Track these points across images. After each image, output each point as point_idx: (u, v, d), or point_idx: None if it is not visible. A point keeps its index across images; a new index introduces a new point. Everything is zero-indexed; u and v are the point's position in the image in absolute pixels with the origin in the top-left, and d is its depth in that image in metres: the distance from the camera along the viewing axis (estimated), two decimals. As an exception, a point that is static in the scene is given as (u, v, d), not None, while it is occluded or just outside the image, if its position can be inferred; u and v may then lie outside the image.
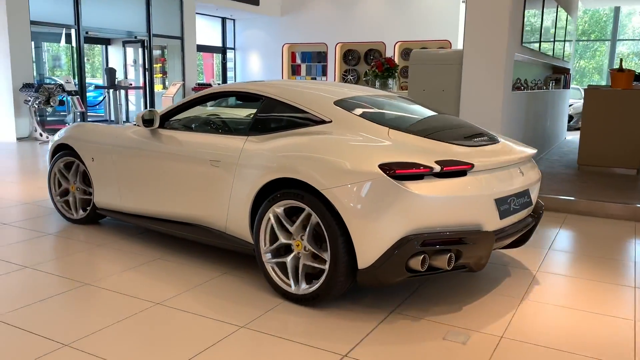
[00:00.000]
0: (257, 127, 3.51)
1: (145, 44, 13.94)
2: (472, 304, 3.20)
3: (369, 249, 2.81)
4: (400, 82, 8.22)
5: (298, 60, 18.60)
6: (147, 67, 14.04)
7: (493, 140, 3.41)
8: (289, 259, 3.11)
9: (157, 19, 13.97)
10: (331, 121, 3.25)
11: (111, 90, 12.58)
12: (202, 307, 3.08)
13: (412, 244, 2.75)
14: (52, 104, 10.38)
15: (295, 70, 18.66)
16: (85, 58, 16.20)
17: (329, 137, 3.14)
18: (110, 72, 11.53)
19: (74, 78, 12.07)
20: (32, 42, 12.33)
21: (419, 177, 2.80)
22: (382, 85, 7.96)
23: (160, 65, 15.25)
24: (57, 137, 4.67)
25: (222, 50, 19.12)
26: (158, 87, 14.76)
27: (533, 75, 8.34)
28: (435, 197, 2.78)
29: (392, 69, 7.95)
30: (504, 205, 3.07)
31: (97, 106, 14.33)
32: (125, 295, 3.23)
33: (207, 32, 18.41)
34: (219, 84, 15.34)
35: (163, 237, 4.36)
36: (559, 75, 9.97)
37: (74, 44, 12.09)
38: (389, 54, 16.51)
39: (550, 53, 8.69)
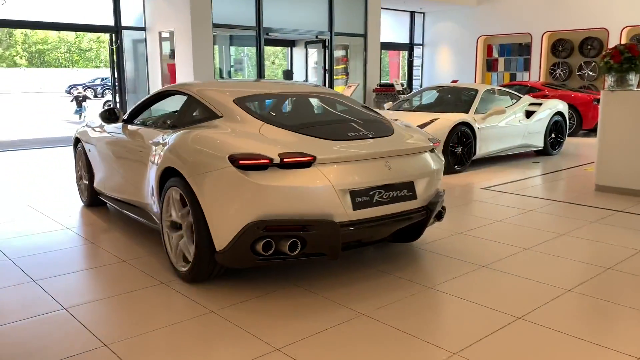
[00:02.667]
0: (179, 121, 3.93)
1: (326, 44, 13.18)
2: None
3: (221, 232, 3.06)
4: None
5: (495, 54, 16.32)
6: (327, 67, 13.28)
7: (377, 135, 3.46)
8: (175, 235, 3.45)
9: (339, 17, 13.12)
10: (222, 116, 3.54)
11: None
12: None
13: (254, 229, 2.95)
14: (228, 108, 10.07)
15: (491, 65, 16.41)
16: (271, 61, 16.29)
17: (206, 130, 3.44)
18: (287, 75, 10.94)
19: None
20: (217, 46, 12.39)
21: (263, 167, 2.97)
22: (619, 81, 5.77)
23: (344, 66, 14.44)
24: (75, 132, 5.48)
25: (409, 47, 17.72)
26: (339, 89, 13.92)
27: None
28: (277, 186, 2.96)
29: (636, 59, 5.71)
30: (361, 197, 3.14)
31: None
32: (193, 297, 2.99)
33: (393, 28, 17.18)
34: (402, 85, 13.95)
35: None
36: None
37: (249, 45, 11.80)
38: (613, 42, 13.39)
39: None
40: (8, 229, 4.63)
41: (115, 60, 11.27)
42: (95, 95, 28.37)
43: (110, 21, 10.95)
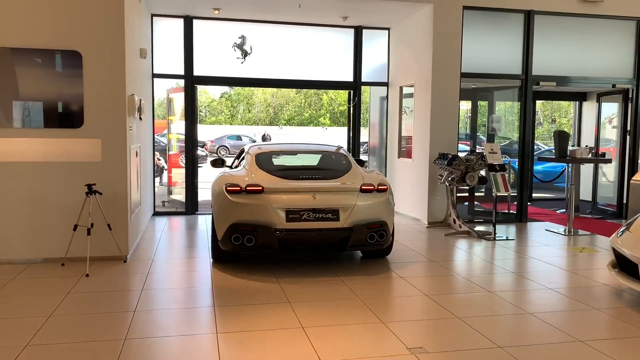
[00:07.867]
0: (238, 165, 6.43)
1: (630, 95, 9.54)
2: None
3: (219, 228, 5.43)
4: None
5: None
6: (628, 127, 9.57)
7: (323, 178, 5.56)
8: None
9: (652, 57, 9.38)
10: (245, 163, 5.97)
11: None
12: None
13: (232, 227, 5.25)
14: (468, 181, 7.62)
15: None
16: (550, 119, 12.98)
17: (229, 172, 6.03)
18: (560, 137, 7.93)
19: (519, 143, 9.05)
20: (469, 101, 10.11)
21: (238, 192, 5.31)
22: None
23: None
24: None
25: None
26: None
27: None
28: (243, 203, 5.27)
29: None
30: (293, 214, 5.23)
31: (555, 180, 10.77)
32: None
33: None
34: None
35: None
36: None
37: (512, 100, 9.10)
38: None
39: None
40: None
41: (351, 118, 10.07)
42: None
43: (350, 77, 9.85)
